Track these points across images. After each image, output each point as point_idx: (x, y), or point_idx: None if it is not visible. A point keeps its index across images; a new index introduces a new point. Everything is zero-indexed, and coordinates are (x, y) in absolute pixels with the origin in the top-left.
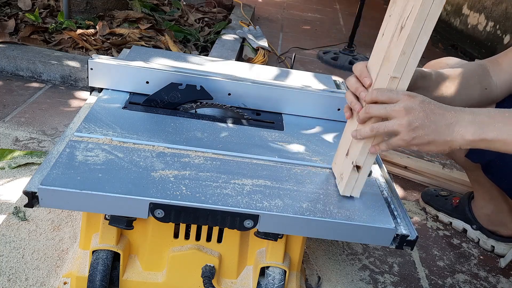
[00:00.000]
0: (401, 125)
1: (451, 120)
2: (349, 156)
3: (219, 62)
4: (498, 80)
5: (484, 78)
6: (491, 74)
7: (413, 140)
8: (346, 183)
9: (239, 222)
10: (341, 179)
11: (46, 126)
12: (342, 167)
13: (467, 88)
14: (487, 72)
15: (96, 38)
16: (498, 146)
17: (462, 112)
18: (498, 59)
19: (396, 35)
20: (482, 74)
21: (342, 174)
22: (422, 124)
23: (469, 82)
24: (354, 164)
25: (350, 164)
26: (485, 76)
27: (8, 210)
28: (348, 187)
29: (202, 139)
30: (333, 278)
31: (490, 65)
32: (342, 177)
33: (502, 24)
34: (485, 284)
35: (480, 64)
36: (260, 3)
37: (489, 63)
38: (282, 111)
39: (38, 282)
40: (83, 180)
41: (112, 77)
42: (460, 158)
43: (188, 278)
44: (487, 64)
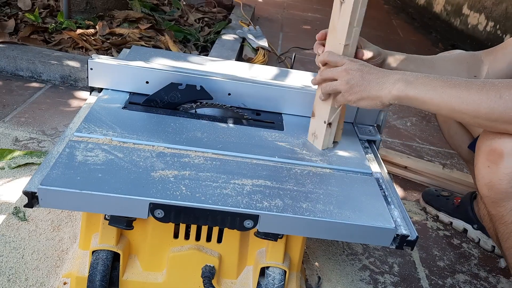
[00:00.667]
0: (341, 83)
1: (382, 79)
2: (317, 116)
3: (219, 62)
4: (490, 69)
5: (474, 66)
6: (484, 63)
7: (350, 95)
8: (323, 139)
9: (239, 222)
10: (315, 137)
11: (46, 126)
12: (313, 128)
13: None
14: (479, 61)
15: (96, 38)
16: (417, 104)
17: (394, 73)
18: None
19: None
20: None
21: (314, 133)
22: (357, 83)
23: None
24: (327, 122)
25: (322, 124)
26: (476, 65)
27: (8, 210)
28: (325, 142)
29: (202, 139)
30: (333, 278)
31: (485, 55)
32: (316, 135)
33: (502, 24)
34: (485, 284)
35: (472, 54)
36: (260, 3)
37: (484, 53)
38: (282, 111)
39: (38, 282)
40: (83, 180)
41: (112, 77)
42: (463, 150)
43: (188, 278)
44: (481, 54)
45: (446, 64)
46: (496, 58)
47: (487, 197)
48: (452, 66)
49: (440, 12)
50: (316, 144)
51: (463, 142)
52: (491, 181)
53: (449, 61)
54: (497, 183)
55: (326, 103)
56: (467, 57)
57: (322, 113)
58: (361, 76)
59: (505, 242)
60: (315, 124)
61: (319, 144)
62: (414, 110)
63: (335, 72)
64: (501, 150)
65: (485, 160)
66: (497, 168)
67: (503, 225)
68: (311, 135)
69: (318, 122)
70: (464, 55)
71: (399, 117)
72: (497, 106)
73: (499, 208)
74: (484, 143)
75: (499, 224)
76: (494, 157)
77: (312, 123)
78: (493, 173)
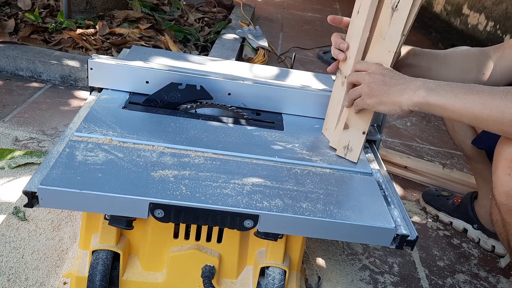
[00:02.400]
0: (363, 87)
1: (404, 85)
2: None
3: (219, 62)
4: (498, 66)
5: (482, 63)
6: (493, 60)
7: (369, 99)
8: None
9: (239, 222)
10: (350, 150)
11: (46, 126)
12: (345, 140)
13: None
14: (488, 58)
15: (96, 38)
16: (438, 110)
17: (416, 79)
18: (502, 46)
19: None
20: (482, 59)
21: (348, 146)
22: (378, 86)
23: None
24: (366, 132)
25: (360, 135)
26: (484, 62)
27: (8, 210)
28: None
29: (202, 139)
30: (333, 278)
31: (493, 52)
32: (351, 148)
33: (502, 24)
34: (485, 284)
35: (482, 50)
36: (260, 3)
37: (492, 50)
38: (282, 111)
39: (38, 282)
40: (83, 180)
41: (112, 77)
42: (467, 146)
43: (188, 278)
44: (490, 50)
45: (457, 61)
46: (504, 55)
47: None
48: (463, 63)
49: (440, 12)
50: (350, 157)
51: (467, 137)
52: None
53: (460, 58)
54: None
55: (362, 113)
56: (476, 53)
57: (359, 123)
58: (383, 80)
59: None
60: (348, 136)
61: (354, 157)
62: None
63: (359, 76)
64: None
65: (505, 167)
66: None
67: None
68: (343, 148)
69: (354, 133)
70: (474, 52)
71: (399, 117)
72: None
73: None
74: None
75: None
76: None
77: (344, 136)
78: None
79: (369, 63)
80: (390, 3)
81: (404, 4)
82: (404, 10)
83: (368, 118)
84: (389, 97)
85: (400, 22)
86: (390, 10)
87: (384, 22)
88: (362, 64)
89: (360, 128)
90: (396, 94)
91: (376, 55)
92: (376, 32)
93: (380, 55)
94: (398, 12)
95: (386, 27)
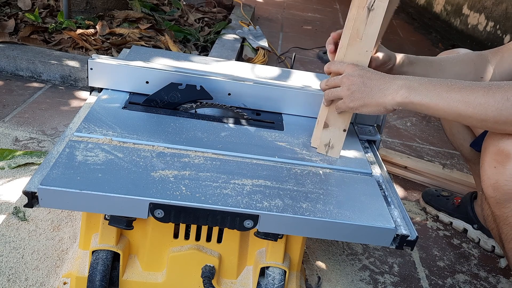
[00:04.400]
0: (343, 90)
1: (385, 85)
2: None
3: (219, 62)
4: (497, 69)
5: (481, 67)
6: (492, 64)
7: (352, 102)
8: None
9: (239, 222)
10: (331, 147)
11: (46, 126)
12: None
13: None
14: (486, 62)
15: (96, 38)
16: (422, 109)
17: (397, 78)
18: (501, 50)
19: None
20: (480, 63)
21: (329, 144)
22: (359, 89)
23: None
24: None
25: (341, 133)
26: (482, 65)
27: (8, 210)
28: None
29: (202, 139)
30: (333, 278)
31: (492, 55)
32: (332, 145)
33: (502, 24)
34: (485, 284)
35: (479, 54)
36: (260, 3)
37: (491, 53)
38: (282, 111)
39: (38, 282)
40: (83, 180)
41: (112, 77)
42: (465, 149)
43: (188, 278)
44: (488, 54)
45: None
46: (503, 58)
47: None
48: (460, 68)
49: (440, 12)
50: (332, 153)
51: (465, 140)
52: (497, 182)
53: (456, 63)
54: (503, 184)
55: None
56: (474, 57)
57: (338, 122)
58: (363, 82)
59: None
60: (329, 134)
61: (336, 153)
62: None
63: (337, 79)
64: (508, 151)
65: (491, 160)
66: (503, 169)
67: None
68: (324, 146)
69: (334, 132)
70: (471, 56)
71: (399, 117)
72: (504, 108)
73: (504, 209)
74: (491, 143)
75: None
76: (501, 157)
77: (325, 134)
78: (499, 174)
79: (343, 64)
80: (366, 3)
81: (380, 4)
82: (380, 10)
83: (347, 117)
84: (372, 99)
85: (377, 21)
86: (366, 10)
87: (360, 22)
88: (335, 65)
89: (340, 127)
90: (378, 95)
91: (353, 56)
92: (352, 32)
93: (357, 55)
94: (374, 11)
95: (363, 27)
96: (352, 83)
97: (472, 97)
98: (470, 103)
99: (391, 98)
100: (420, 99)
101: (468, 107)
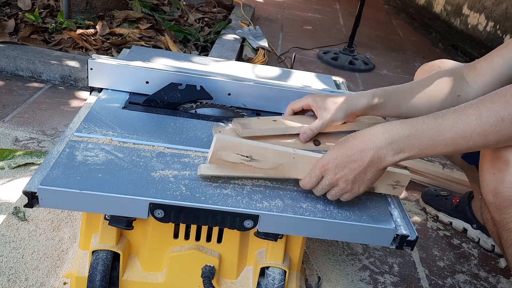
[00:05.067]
0: (342, 188)
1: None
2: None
3: (219, 62)
4: (475, 84)
5: (457, 85)
6: (467, 80)
7: (358, 189)
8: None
9: (239, 222)
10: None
11: (46, 126)
12: None
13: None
14: (462, 79)
15: (96, 38)
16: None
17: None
18: (475, 64)
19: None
20: (454, 82)
21: None
22: (354, 178)
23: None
24: None
25: None
26: (459, 83)
27: (8, 210)
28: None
29: (202, 139)
30: (333, 278)
31: (467, 71)
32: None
33: (502, 24)
34: (485, 284)
35: (454, 72)
36: (260, 3)
37: (466, 69)
38: (282, 111)
39: (38, 282)
40: (82, 180)
41: (112, 77)
42: (457, 160)
43: (188, 278)
44: (463, 70)
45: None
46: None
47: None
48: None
49: (440, 12)
50: None
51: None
52: (496, 188)
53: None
54: (502, 190)
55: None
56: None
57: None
58: (351, 168)
59: (508, 248)
60: None
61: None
62: None
63: (326, 184)
64: (507, 158)
65: (490, 167)
66: (502, 176)
67: (507, 231)
68: None
69: None
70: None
71: None
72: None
73: (504, 215)
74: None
75: (503, 231)
76: (500, 164)
77: None
78: (498, 180)
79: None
80: None
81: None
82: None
83: None
84: (373, 176)
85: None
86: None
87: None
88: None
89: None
90: (375, 172)
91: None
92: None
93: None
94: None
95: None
96: (343, 178)
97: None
98: (468, 138)
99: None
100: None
101: (467, 142)
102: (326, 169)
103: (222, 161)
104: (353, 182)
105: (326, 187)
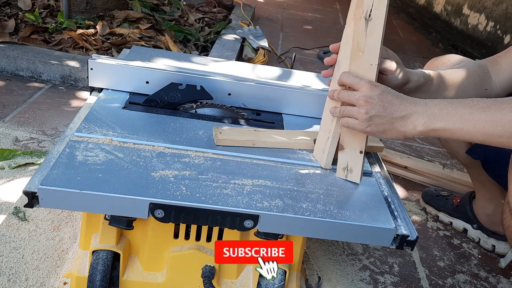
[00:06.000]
0: (359, 112)
1: (405, 112)
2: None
3: (219, 62)
4: (497, 79)
5: (484, 79)
6: (491, 74)
7: (369, 127)
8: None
9: (239, 222)
10: (350, 171)
11: (46, 126)
12: (344, 162)
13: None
14: (487, 73)
15: (96, 38)
16: (446, 135)
17: (417, 104)
18: (497, 59)
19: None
20: (483, 75)
21: (347, 167)
22: (378, 114)
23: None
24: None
25: (358, 154)
26: (485, 77)
27: (8, 210)
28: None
29: (202, 139)
30: (333, 278)
31: (490, 65)
32: (351, 169)
33: (502, 24)
34: (485, 284)
35: (480, 65)
36: (260, 3)
37: (489, 63)
38: (282, 111)
39: (38, 282)
40: (83, 180)
41: (112, 77)
42: (461, 156)
43: (188, 278)
44: (487, 64)
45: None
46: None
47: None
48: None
49: (440, 12)
50: (352, 178)
51: (460, 147)
52: None
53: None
54: None
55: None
56: (476, 69)
57: (354, 144)
58: (383, 106)
59: None
60: (346, 157)
61: (356, 177)
62: None
63: (353, 98)
64: None
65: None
66: None
67: None
68: (342, 170)
69: (351, 154)
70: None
71: None
72: None
73: None
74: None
75: None
76: None
77: (342, 157)
78: None
79: (360, 81)
80: (363, 14)
81: (378, 13)
82: (379, 19)
83: (363, 138)
84: (393, 126)
85: (377, 32)
86: (364, 21)
87: (359, 35)
88: (350, 78)
89: (356, 148)
90: (399, 123)
91: (357, 70)
92: (354, 46)
93: (362, 70)
94: (373, 21)
95: (363, 39)
96: (372, 107)
97: (499, 116)
98: (497, 122)
99: (412, 127)
100: (443, 125)
101: (496, 127)
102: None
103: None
104: (371, 118)
105: (352, 99)
